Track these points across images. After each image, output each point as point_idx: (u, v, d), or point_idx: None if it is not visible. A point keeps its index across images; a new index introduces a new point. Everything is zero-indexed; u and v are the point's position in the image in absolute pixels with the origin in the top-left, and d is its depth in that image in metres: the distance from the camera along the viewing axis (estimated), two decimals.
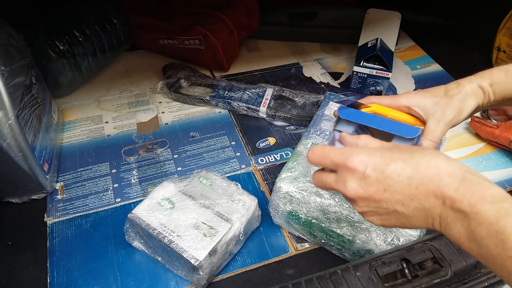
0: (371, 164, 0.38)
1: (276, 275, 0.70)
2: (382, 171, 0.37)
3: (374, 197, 0.38)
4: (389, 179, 0.37)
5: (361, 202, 0.40)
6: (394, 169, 0.37)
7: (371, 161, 0.38)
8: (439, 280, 0.55)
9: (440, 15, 1.31)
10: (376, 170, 0.38)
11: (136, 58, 1.21)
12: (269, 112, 0.99)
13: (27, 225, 0.77)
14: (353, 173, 0.39)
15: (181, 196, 0.71)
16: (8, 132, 0.69)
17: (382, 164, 0.38)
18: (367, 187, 0.38)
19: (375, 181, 0.38)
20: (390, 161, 0.38)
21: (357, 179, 0.39)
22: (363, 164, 0.38)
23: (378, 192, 0.38)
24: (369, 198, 0.39)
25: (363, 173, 0.38)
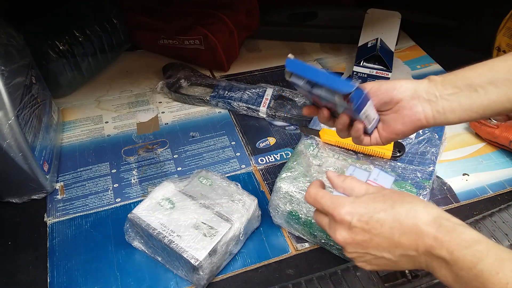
0: (356, 216, 0.41)
1: (276, 275, 0.70)
2: (367, 221, 0.40)
3: (362, 245, 0.41)
4: (373, 229, 0.40)
5: (351, 248, 0.43)
6: (377, 220, 0.40)
7: (356, 212, 0.41)
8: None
9: (440, 15, 1.31)
10: (361, 221, 0.41)
11: (136, 58, 1.21)
12: (269, 112, 0.99)
13: (27, 225, 0.77)
14: (341, 223, 0.42)
15: (181, 196, 0.71)
16: (8, 132, 0.69)
17: (366, 216, 0.41)
18: (355, 236, 0.41)
19: (361, 231, 0.41)
20: (373, 212, 0.41)
21: (345, 228, 0.42)
22: (349, 215, 0.41)
23: (365, 240, 0.41)
24: (357, 245, 0.42)
25: (350, 224, 0.41)
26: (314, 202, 0.46)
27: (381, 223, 0.40)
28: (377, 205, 0.41)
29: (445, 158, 0.89)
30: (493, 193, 0.83)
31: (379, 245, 0.40)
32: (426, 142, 0.77)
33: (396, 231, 0.39)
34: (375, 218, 0.40)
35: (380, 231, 0.40)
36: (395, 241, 0.39)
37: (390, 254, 0.40)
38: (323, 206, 0.44)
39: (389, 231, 0.40)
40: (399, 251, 0.40)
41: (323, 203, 0.44)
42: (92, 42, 1.04)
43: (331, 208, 0.43)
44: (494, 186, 0.84)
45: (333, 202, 0.43)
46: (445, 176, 0.86)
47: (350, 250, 0.43)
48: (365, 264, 0.43)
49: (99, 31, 1.05)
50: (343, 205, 0.42)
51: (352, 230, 0.41)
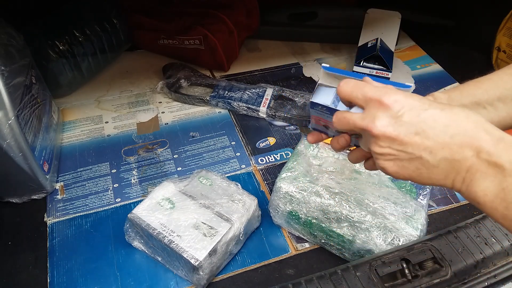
0: (408, 105, 0.36)
1: (276, 275, 0.70)
2: (419, 114, 0.36)
3: (402, 139, 0.36)
4: (423, 123, 0.36)
5: (384, 142, 0.37)
6: (431, 114, 0.36)
7: (408, 102, 0.37)
8: (439, 280, 0.55)
9: (440, 15, 1.31)
10: (412, 111, 0.36)
11: (136, 58, 1.20)
12: (269, 112, 0.99)
13: (27, 225, 0.77)
14: (386, 109, 0.37)
15: (181, 196, 0.71)
16: (8, 132, 0.69)
17: (419, 108, 0.36)
18: (398, 127, 0.36)
19: (408, 122, 0.36)
20: (429, 106, 0.36)
21: (389, 116, 0.37)
22: (400, 103, 0.37)
23: (408, 134, 0.36)
24: (395, 138, 0.36)
25: (397, 112, 0.36)
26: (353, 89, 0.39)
27: (435, 118, 0.36)
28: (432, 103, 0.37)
29: None
30: None
31: (424, 142, 0.36)
32: None
33: (450, 129, 0.35)
34: (430, 112, 0.36)
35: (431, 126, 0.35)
36: (445, 140, 0.35)
37: (431, 156, 0.36)
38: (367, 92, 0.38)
39: (442, 128, 0.35)
40: (444, 153, 0.35)
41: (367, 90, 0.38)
42: (92, 42, 1.04)
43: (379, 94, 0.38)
44: None
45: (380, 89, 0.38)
46: None
47: (383, 144, 0.37)
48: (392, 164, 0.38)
49: (99, 31, 1.05)
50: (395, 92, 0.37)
51: (397, 119, 0.36)
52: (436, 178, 0.37)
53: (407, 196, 0.68)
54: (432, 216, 0.78)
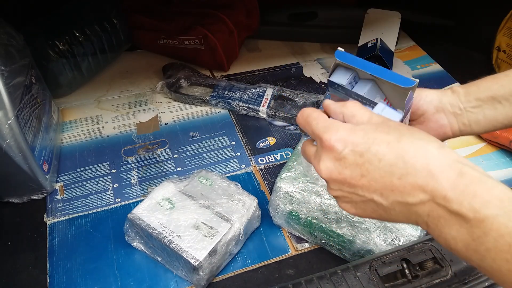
0: (350, 145, 0.33)
1: (276, 275, 0.69)
2: (362, 154, 0.33)
3: (349, 182, 0.34)
4: (368, 163, 0.33)
5: (334, 185, 0.35)
6: (375, 153, 0.32)
7: (350, 141, 0.33)
8: (440, 280, 0.55)
9: (440, 15, 1.31)
10: (355, 152, 0.33)
11: (136, 58, 1.20)
12: (269, 112, 0.99)
13: (27, 225, 0.77)
14: (329, 151, 0.34)
15: (181, 196, 0.71)
16: (8, 132, 0.68)
17: (362, 146, 0.33)
18: (342, 169, 0.34)
19: (352, 164, 0.33)
20: (372, 143, 0.33)
21: (332, 158, 0.34)
22: (342, 143, 0.34)
23: (354, 176, 0.33)
24: (343, 182, 0.34)
25: (340, 153, 0.34)
26: (304, 123, 0.38)
27: (379, 157, 0.32)
28: (378, 136, 0.33)
29: None
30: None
31: (371, 184, 0.33)
32: None
33: (398, 170, 0.31)
34: (373, 151, 0.32)
35: (376, 167, 0.32)
36: (393, 182, 0.32)
37: (382, 198, 0.33)
38: (313, 128, 0.36)
39: (388, 168, 0.32)
40: (395, 196, 0.32)
41: (314, 124, 0.36)
42: (92, 42, 1.04)
43: (321, 132, 0.35)
44: None
45: (326, 125, 0.35)
46: None
47: (334, 187, 0.35)
48: (349, 206, 0.36)
49: (99, 31, 1.05)
50: (337, 129, 0.34)
51: (341, 161, 0.34)
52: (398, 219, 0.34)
53: None
54: None
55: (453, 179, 0.30)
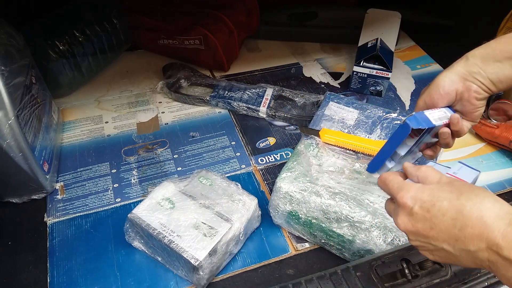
0: (418, 202, 0.40)
1: (276, 275, 0.70)
2: (428, 209, 0.39)
3: (422, 233, 0.40)
4: (434, 218, 0.39)
5: (412, 236, 0.42)
6: (439, 208, 0.38)
7: (419, 198, 0.40)
8: (439, 280, 0.55)
9: (440, 15, 1.31)
10: (422, 208, 0.39)
11: (136, 58, 1.20)
12: (269, 112, 0.99)
13: (27, 225, 0.77)
14: (403, 207, 0.41)
15: (181, 196, 0.71)
16: (8, 132, 0.69)
17: (428, 203, 0.39)
18: (415, 223, 0.40)
19: (422, 218, 0.39)
20: (437, 200, 0.39)
21: (406, 214, 0.41)
22: (412, 200, 0.40)
23: (425, 229, 0.39)
24: (417, 233, 0.40)
25: (411, 209, 0.40)
26: (382, 185, 0.46)
27: (442, 212, 0.38)
28: (442, 194, 0.39)
29: (445, 158, 0.89)
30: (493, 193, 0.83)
31: (439, 235, 0.39)
32: None
33: (458, 222, 0.37)
34: (437, 207, 0.39)
35: (441, 220, 0.38)
36: (456, 233, 0.37)
37: (450, 247, 0.38)
38: (390, 189, 0.44)
39: (450, 222, 0.38)
40: (459, 245, 0.37)
41: (390, 186, 0.44)
42: (92, 42, 1.04)
43: (396, 192, 0.42)
44: (494, 186, 0.84)
45: (399, 186, 0.43)
46: None
47: (412, 238, 0.42)
48: (428, 254, 0.42)
49: (99, 31, 1.05)
50: (408, 189, 0.41)
51: (413, 216, 0.40)
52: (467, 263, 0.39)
53: None
54: None
55: (503, 229, 0.35)
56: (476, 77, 0.52)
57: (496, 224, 0.35)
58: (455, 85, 0.53)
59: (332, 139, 0.76)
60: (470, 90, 0.53)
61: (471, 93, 0.53)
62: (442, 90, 0.54)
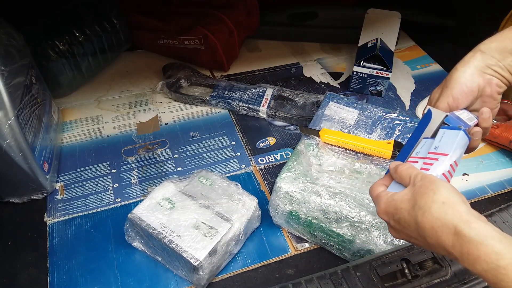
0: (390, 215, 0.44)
1: (276, 275, 0.70)
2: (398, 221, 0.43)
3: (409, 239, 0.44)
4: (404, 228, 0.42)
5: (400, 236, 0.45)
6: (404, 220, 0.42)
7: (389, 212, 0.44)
8: (439, 280, 0.55)
9: (440, 15, 1.31)
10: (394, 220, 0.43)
11: (136, 58, 1.20)
12: (269, 112, 0.99)
13: (27, 225, 0.77)
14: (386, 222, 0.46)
15: (181, 196, 0.71)
16: (8, 132, 0.69)
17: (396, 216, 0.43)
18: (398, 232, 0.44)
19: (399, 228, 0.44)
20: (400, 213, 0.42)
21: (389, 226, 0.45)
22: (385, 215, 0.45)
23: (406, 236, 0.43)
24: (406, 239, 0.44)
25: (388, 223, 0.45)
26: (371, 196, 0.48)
27: (408, 223, 0.42)
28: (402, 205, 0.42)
29: None
30: (493, 193, 0.83)
31: (418, 241, 0.42)
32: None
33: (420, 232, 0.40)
34: (402, 219, 0.42)
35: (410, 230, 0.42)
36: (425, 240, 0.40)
37: (428, 247, 0.42)
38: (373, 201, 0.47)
39: (416, 231, 0.41)
40: (434, 249, 0.41)
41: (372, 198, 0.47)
42: (92, 42, 1.04)
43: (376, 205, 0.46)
44: (494, 186, 0.84)
45: (375, 200, 0.46)
46: None
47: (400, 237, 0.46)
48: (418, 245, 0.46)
49: (99, 31, 1.05)
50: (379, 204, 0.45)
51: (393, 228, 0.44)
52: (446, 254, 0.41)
53: None
54: None
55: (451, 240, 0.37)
56: (496, 69, 0.50)
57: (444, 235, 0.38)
58: (476, 80, 0.50)
59: (332, 139, 0.76)
60: (491, 84, 0.50)
61: (493, 87, 0.50)
62: (465, 87, 0.50)
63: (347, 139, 0.75)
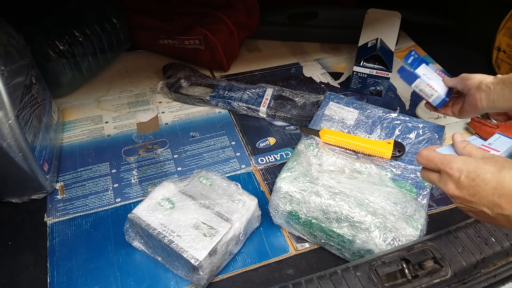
0: (465, 172, 0.47)
1: (276, 275, 0.70)
2: (473, 179, 0.46)
3: (466, 198, 0.47)
4: (478, 186, 0.46)
5: (457, 200, 0.49)
6: (483, 179, 0.46)
7: (465, 169, 0.47)
8: (439, 280, 0.55)
9: (440, 15, 1.31)
10: (468, 177, 0.47)
11: (136, 58, 1.21)
12: (269, 112, 0.99)
13: (27, 225, 0.77)
14: (451, 177, 0.48)
15: (181, 196, 0.71)
16: (8, 132, 0.69)
17: (473, 173, 0.46)
18: (461, 190, 0.48)
19: (467, 186, 0.47)
20: (481, 172, 0.46)
21: (454, 182, 0.48)
22: (459, 171, 0.47)
23: (469, 194, 0.47)
24: (462, 198, 0.48)
25: (458, 179, 0.47)
26: (426, 161, 0.52)
27: (485, 182, 0.45)
28: (486, 167, 0.46)
29: None
30: None
31: (480, 201, 0.46)
32: (426, 142, 0.77)
33: (497, 191, 0.44)
34: (481, 177, 0.46)
35: (483, 189, 0.45)
36: (495, 200, 0.45)
37: (489, 210, 0.46)
38: (437, 163, 0.50)
39: (490, 190, 0.45)
40: (497, 210, 0.45)
41: (437, 161, 0.50)
42: (92, 42, 1.04)
43: (444, 164, 0.49)
44: None
45: (446, 159, 0.50)
46: None
47: (457, 201, 0.49)
48: (472, 214, 0.50)
49: (99, 31, 1.05)
50: (456, 161, 0.48)
51: (459, 184, 0.47)
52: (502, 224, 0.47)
53: (407, 196, 0.68)
54: (432, 216, 0.78)
55: None
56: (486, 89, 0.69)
57: None
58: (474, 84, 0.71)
59: (332, 139, 0.76)
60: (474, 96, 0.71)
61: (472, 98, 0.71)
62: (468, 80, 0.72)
63: (347, 139, 0.75)
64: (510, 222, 0.45)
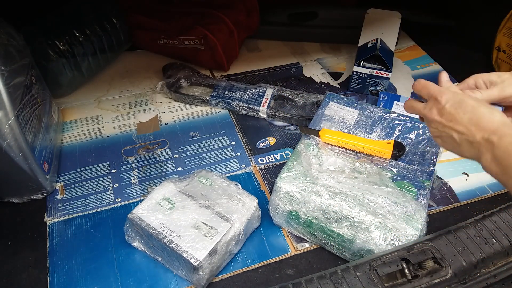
0: (450, 102, 0.54)
1: (276, 275, 0.70)
2: (456, 108, 0.53)
3: (443, 123, 0.54)
4: (457, 114, 0.53)
5: (434, 124, 0.56)
6: (463, 109, 0.52)
7: (452, 100, 0.54)
8: (439, 280, 0.55)
9: (440, 15, 1.31)
10: (452, 106, 0.53)
11: (136, 58, 1.21)
12: (269, 112, 0.99)
13: (27, 225, 0.77)
14: (438, 104, 0.55)
15: (181, 196, 0.71)
16: (8, 132, 0.69)
17: (457, 104, 0.53)
18: (442, 115, 0.54)
19: (448, 113, 0.54)
20: (464, 104, 0.53)
21: (438, 108, 0.55)
22: (446, 100, 0.54)
23: (447, 120, 0.54)
24: (440, 122, 0.54)
25: (443, 106, 0.54)
26: (422, 88, 0.58)
27: (464, 111, 0.52)
28: (470, 101, 0.53)
29: (445, 158, 0.89)
30: (493, 193, 0.83)
31: (454, 126, 0.53)
32: (426, 142, 0.77)
33: (473, 121, 0.51)
34: (463, 108, 0.52)
35: (461, 117, 0.52)
36: (468, 127, 0.51)
37: (458, 136, 0.53)
38: (430, 91, 0.57)
39: (467, 120, 0.52)
40: (465, 137, 0.52)
41: (432, 89, 0.57)
42: (92, 42, 1.04)
43: (436, 93, 0.55)
44: (494, 186, 0.84)
45: (440, 89, 0.56)
46: (445, 176, 0.86)
47: (433, 126, 0.56)
48: (439, 140, 0.57)
49: (99, 31, 1.05)
50: (447, 93, 0.55)
51: (442, 110, 0.54)
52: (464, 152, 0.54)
53: (407, 196, 0.68)
54: (432, 216, 0.78)
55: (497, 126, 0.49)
56: None
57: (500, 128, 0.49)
58: None
59: (332, 139, 0.76)
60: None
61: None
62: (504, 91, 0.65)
63: (347, 139, 0.75)
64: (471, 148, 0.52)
